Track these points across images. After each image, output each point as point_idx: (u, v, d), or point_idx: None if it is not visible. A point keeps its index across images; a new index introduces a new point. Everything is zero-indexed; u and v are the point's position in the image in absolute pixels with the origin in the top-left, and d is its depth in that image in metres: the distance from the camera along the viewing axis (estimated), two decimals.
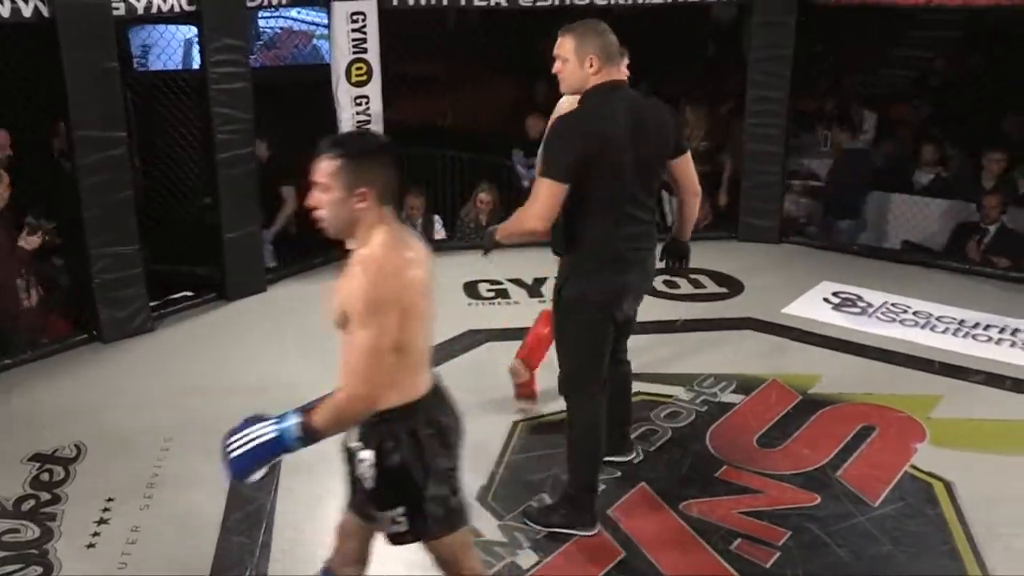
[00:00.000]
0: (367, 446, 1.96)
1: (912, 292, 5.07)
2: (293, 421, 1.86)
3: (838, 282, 5.23)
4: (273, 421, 1.88)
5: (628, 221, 2.78)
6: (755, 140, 5.74)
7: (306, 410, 1.92)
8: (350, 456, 2.03)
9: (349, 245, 1.96)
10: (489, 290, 5.13)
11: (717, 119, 6.47)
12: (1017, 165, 7.25)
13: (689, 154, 2.95)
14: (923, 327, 4.64)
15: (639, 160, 2.75)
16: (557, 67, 2.80)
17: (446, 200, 6.30)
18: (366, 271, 1.84)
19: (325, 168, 1.93)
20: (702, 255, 5.62)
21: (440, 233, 5.96)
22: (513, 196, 6.47)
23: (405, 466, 1.94)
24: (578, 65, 2.74)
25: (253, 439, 1.84)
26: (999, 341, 4.47)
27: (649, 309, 4.77)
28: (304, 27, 7.20)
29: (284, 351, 4.37)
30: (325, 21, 5.51)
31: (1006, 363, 4.22)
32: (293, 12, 7.20)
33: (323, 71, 5.41)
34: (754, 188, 5.84)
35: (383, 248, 1.89)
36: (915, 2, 5.03)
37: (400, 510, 1.97)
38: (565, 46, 2.76)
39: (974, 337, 4.52)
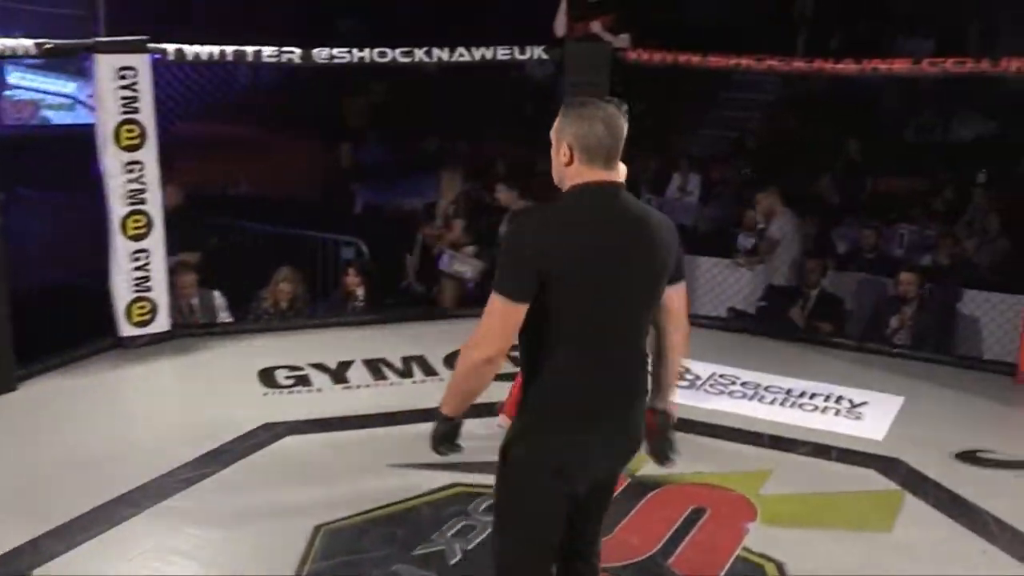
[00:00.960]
0: None
1: (740, 361, 5.30)
2: None
3: None
4: None
5: (603, 360, 2.29)
6: None
7: None
8: None
9: None
10: (288, 377, 4.95)
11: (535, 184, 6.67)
12: (835, 228, 7.94)
13: (684, 284, 2.46)
14: (751, 398, 4.85)
15: (624, 283, 2.27)
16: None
17: (239, 276, 6.06)
18: None
19: None
20: None
21: (224, 313, 5.70)
22: (329, 277, 6.34)
23: None
24: (555, 151, 2.34)
25: None
26: (824, 410, 4.73)
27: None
28: (29, 95, 6.94)
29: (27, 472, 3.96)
30: (57, 88, 5.25)
31: (832, 432, 4.46)
32: (15, 77, 6.90)
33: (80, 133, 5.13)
34: None
35: None
36: (723, 65, 5.40)
37: None
38: (554, 126, 2.36)
39: (801, 407, 4.76)
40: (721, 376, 5.11)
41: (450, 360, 5.24)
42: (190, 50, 5.09)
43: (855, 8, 10.06)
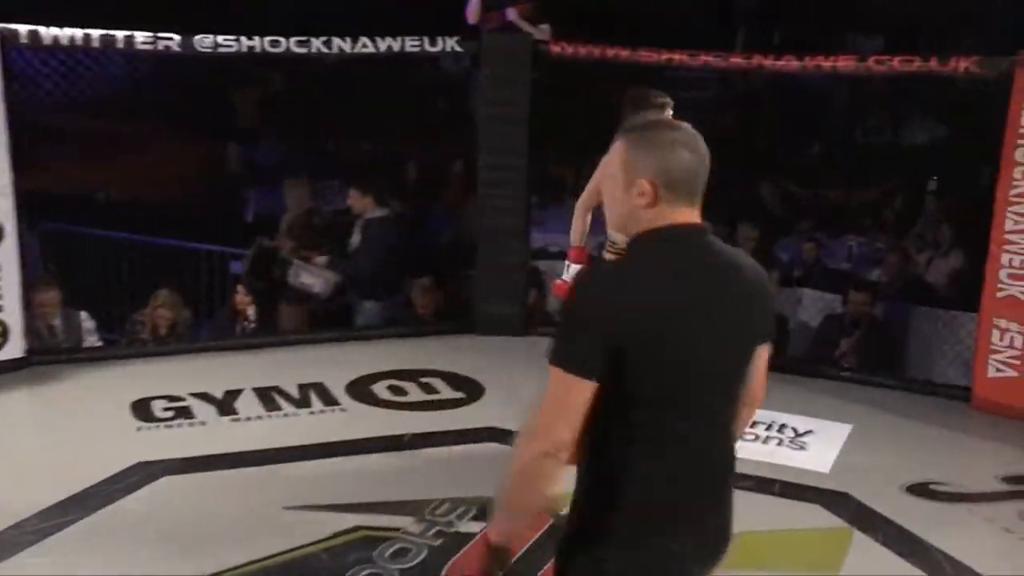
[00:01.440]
0: None
1: None
2: None
3: None
4: None
5: (693, 449, 2.07)
6: (490, 213, 5.91)
7: None
8: None
9: None
10: (166, 409, 4.86)
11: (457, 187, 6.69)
12: (778, 239, 8.13)
13: (769, 345, 2.24)
14: None
15: (713, 354, 2.05)
16: (606, 190, 2.15)
17: (108, 293, 5.92)
18: None
19: None
20: (433, 353, 5.74)
21: (93, 336, 5.55)
22: (216, 294, 6.20)
23: None
24: (624, 189, 2.07)
25: None
26: (766, 440, 4.81)
27: (370, 423, 4.82)
28: None
29: None
30: None
31: (774, 465, 4.54)
32: None
33: None
34: (491, 270, 5.98)
35: None
36: (655, 60, 5.49)
37: None
38: (615, 157, 2.11)
39: (741, 437, 4.83)
40: None
41: (355, 388, 5.19)
42: (47, 33, 4.95)
43: (799, 2, 10.38)
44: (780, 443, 4.76)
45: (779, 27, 10.53)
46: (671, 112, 4.27)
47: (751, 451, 4.67)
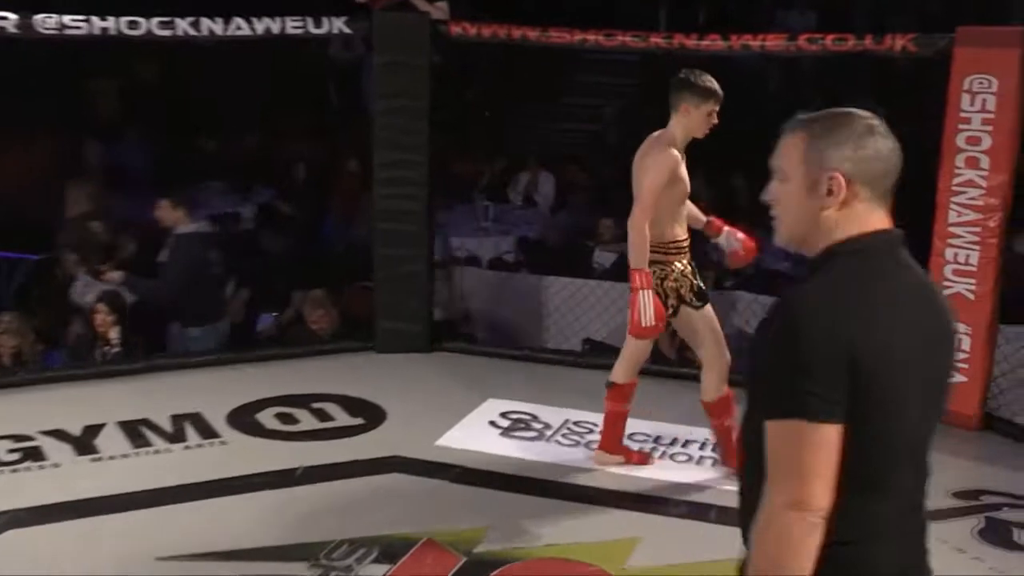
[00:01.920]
0: None
1: (599, 405, 5.33)
2: None
3: (508, 399, 5.45)
4: None
5: (912, 498, 2.02)
6: (388, 217, 5.89)
7: None
8: None
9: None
10: (11, 451, 4.73)
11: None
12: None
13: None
14: None
15: (925, 389, 1.97)
16: (772, 192, 2.05)
17: None
18: None
19: None
20: (328, 374, 5.69)
21: None
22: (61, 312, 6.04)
23: None
24: (805, 190, 1.94)
25: None
26: (701, 460, 4.86)
27: (255, 457, 4.74)
28: None
29: None
30: None
31: (711, 488, 4.58)
32: None
33: None
34: (392, 281, 5.96)
35: None
36: (567, 41, 5.53)
37: None
38: (790, 152, 1.99)
39: (673, 457, 4.87)
40: (576, 424, 5.17)
41: (238, 417, 5.10)
42: None
43: None
44: (714, 463, 4.79)
45: (704, 5, 10.70)
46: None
47: (682, 473, 4.71)
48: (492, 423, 5.17)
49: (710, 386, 4.55)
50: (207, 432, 4.96)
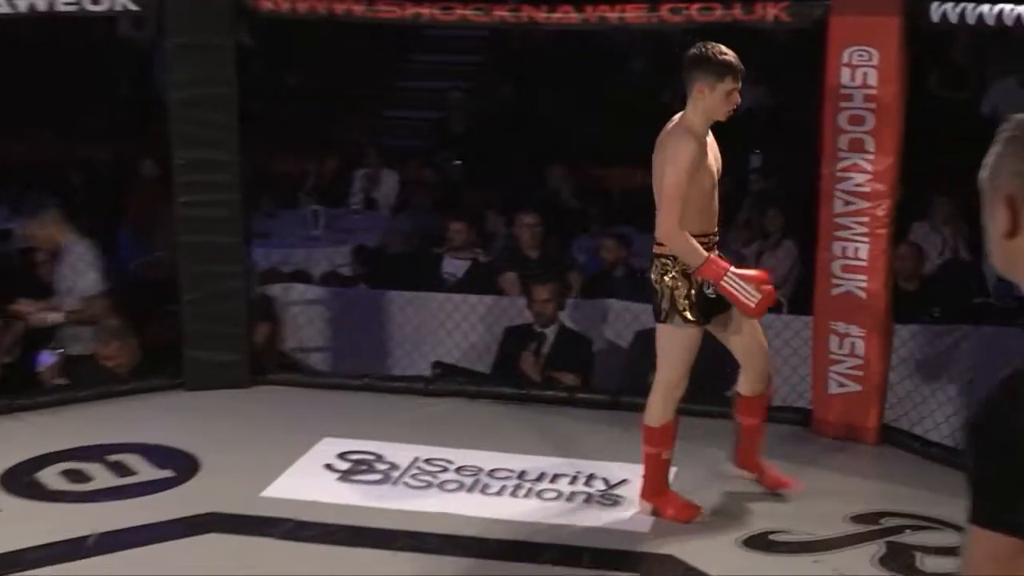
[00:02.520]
0: None
1: (453, 438, 5.36)
2: None
3: (346, 437, 5.38)
4: None
5: None
6: (194, 228, 5.77)
7: None
8: None
9: None
10: None
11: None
12: (575, 235, 8.30)
13: None
14: (471, 489, 4.91)
15: None
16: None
17: None
18: None
19: None
20: (127, 420, 5.53)
21: None
22: None
23: None
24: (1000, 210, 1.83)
25: None
26: (571, 496, 4.87)
27: (37, 525, 4.52)
28: None
29: None
30: None
31: (583, 528, 4.59)
32: None
33: None
34: (202, 303, 5.85)
35: None
36: (398, 16, 5.48)
37: None
38: (1000, 163, 1.88)
39: (539, 495, 4.88)
40: (427, 461, 5.15)
41: (14, 478, 4.92)
42: None
43: None
44: (589, 500, 4.82)
45: None
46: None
47: (551, 513, 4.72)
48: (328, 466, 5.09)
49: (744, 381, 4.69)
50: None
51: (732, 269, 4.33)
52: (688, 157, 4.23)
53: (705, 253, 4.29)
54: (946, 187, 8.20)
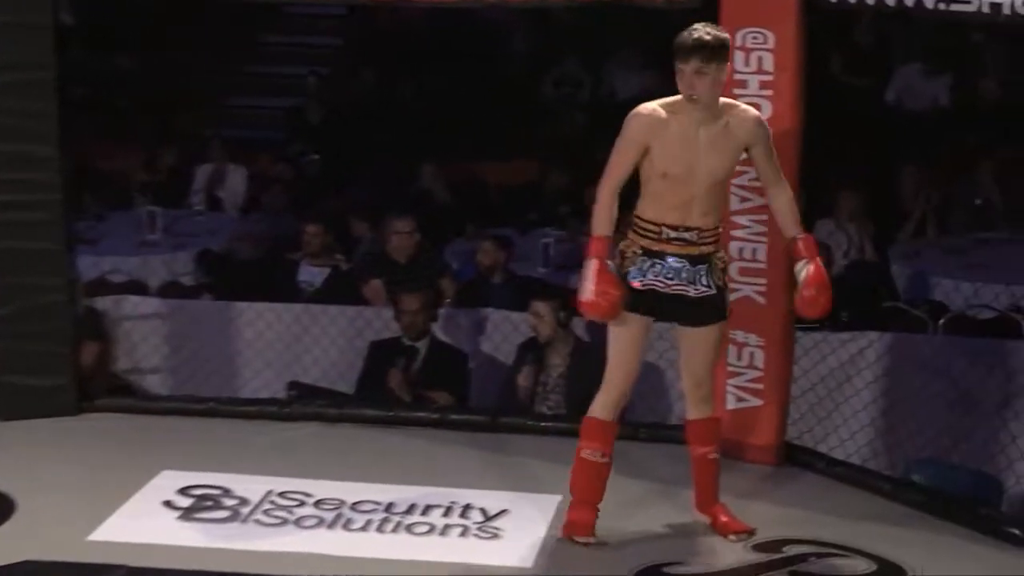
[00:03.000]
0: None
1: (311, 468, 5.34)
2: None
3: (189, 469, 5.33)
4: None
5: None
6: (7, 233, 5.69)
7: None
8: None
9: None
10: None
11: None
12: (450, 238, 8.31)
13: None
14: (332, 525, 4.89)
15: None
16: None
17: None
18: None
19: None
20: None
21: None
22: None
23: None
24: None
25: None
26: (445, 530, 4.87)
27: None
28: None
29: None
30: None
31: (458, 565, 4.59)
32: None
33: None
34: (17, 320, 5.77)
35: None
36: None
37: None
38: None
39: (409, 529, 4.87)
40: (282, 495, 5.11)
41: None
42: None
43: None
44: (464, 533, 4.83)
45: None
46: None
47: (424, 549, 4.71)
48: (168, 504, 5.03)
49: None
50: None
51: (595, 260, 4.37)
52: (627, 129, 4.41)
53: (598, 230, 4.39)
54: (851, 181, 8.41)
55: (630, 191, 4.48)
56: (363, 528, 4.85)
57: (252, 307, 6.81)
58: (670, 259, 4.45)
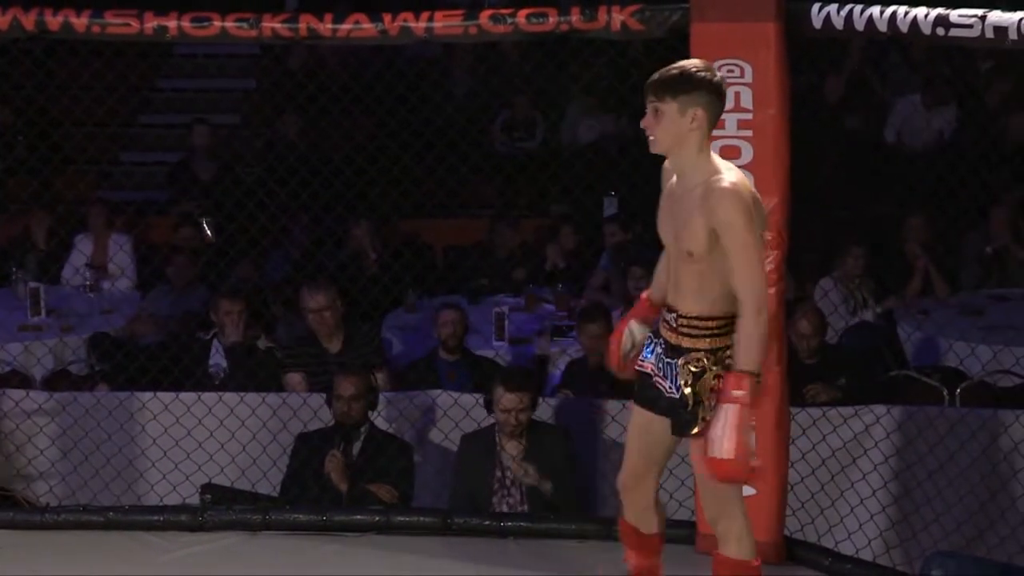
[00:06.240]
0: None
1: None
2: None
3: None
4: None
5: None
6: None
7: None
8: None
9: None
10: None
11: None
12: (388, 309, 8.33)
13: None
14: None
15: None
16: None
17: None
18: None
19: None
20: None
21: None
22: None
23: None
24: None
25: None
26: None
27: None
28: None
29: None
30: None
31: None
32: None
33: None
34: None
35: None
36: (133, 30, 5.41)
37: None
38: None
39: None
40: None
41: None
42: None
43: None
44: None
45: None
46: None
47: None
48: None
49: None
50: None
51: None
52: None
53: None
54: (852, 233, 8.44)
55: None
56: None
57: (157, 398, 6.77)
58: (660, 342, 4.30)
